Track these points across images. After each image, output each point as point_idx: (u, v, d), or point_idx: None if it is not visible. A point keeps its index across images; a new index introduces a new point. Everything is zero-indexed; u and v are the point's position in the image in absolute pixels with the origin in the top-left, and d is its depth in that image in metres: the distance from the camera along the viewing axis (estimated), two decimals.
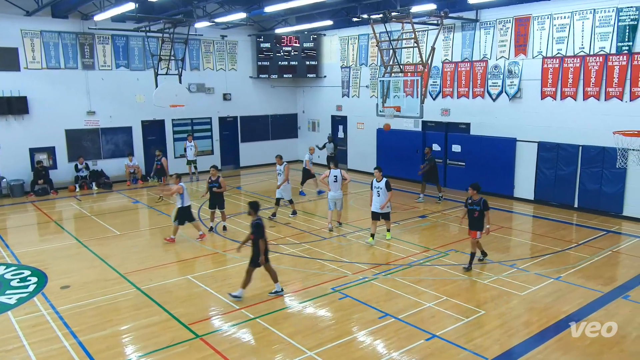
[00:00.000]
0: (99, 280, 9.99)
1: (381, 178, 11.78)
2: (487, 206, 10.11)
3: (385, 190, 11.73)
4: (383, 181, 11.74)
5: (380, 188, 11.78)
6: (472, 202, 10.20)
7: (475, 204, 10.13)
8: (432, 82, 18.13)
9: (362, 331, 7.83)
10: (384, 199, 11.73)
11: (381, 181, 11.75)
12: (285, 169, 14.25)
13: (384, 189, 11.73)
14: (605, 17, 13.70)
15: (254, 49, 22.85)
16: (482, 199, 10.16)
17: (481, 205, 10.07)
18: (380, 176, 11.81)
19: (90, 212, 15.89)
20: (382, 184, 11.75)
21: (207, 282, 9.87)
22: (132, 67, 20.07)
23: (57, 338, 7.66)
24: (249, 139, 23.54)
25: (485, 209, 10.05)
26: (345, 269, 10.44)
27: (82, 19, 18.58)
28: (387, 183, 11.74)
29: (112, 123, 19.86)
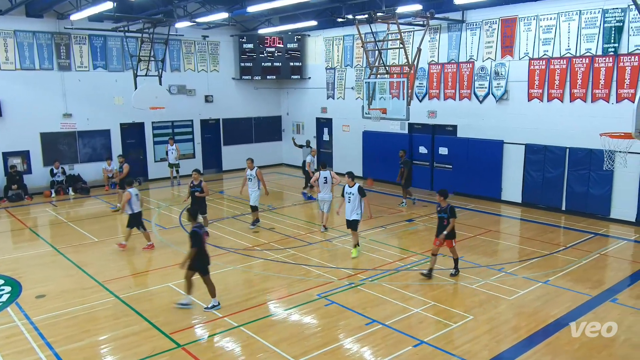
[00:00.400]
0: (75, 289, 9.85)
1: (353, 184, 11.35)
2: (454, 214, 9.95)
3: (358, 196, 11.25)
4: (355, 187, 11.31)
5: (351, 194, 11.31)
6: (440, 210, 10.05)
7: (443, 211, 9.98)
8: (419, 83, 18.27)
9: (349, 338, 7.83)
10: (355, 205, 11.28)
11: (353, 187, 11.33)
12: (258, 174, 13.75)
13: (357, 195, 11.25)
14: (591, 19, 13.94)
15: (236, 49, 22.80)
16: (449, 205, 9.99)
17: (448, 212, 9.91)
18: (351, 182, 11.38)
19: (67, 218, 15.68)
20: (354, 189, 11.30)
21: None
22: (110, 68, 19.89)
23: (32, 350, 7.53)
24: (231, 142, 23.45)
25: (452, 216, 9.88)
26: (331, 275, 10.43)
27: (57, 18, 18.36)
28: (360, 188, 11.31)
29: (90, 126, 19.63)
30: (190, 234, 8.65)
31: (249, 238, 13.09)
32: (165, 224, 14.68)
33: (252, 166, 13.80)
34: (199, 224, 8.87)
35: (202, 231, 8.78)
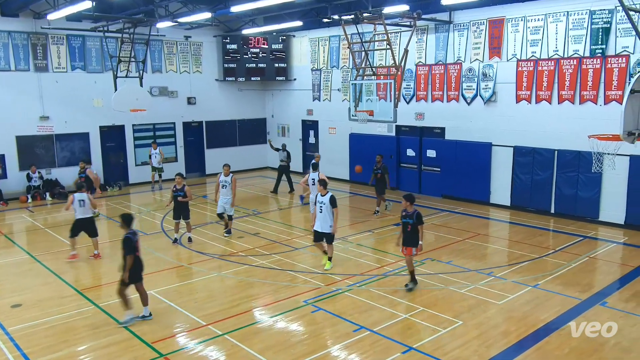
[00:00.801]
0: (53, 298, 9.72)
1: (325, 192, 10.79)
2: (421, 220, 9.65)
3: (329, 206, 10.68)
4: (327, 196, 10.72)
5: (323, 203, 10.73)
6: (406, 215, 9.70)
7: (409, 216, 9.64)
8: (406, 85, 18.38)
9: (336, 345, 7.82)
10: (327, 216, 10.70)
11: (325, 195, 10.75)
12: (233, 181, 13.46)
13: (328, 205, 10.68)
14: (578, 20, 14.15)
15: (219, 50, 22.74)
16: (416, 211, 9.66)
17: (414, 218, 9.59)
18: (323, 190, 10.83)
19: (44, 225, 15.48)
20: (326, 198, 10.71)
21: (171, 297, 9.71)
22: (89, 69, 19.71)
23: None
24: (215, 145, 23.36)
25: (419, 222, 9.58)
26: (318, 281, 10.43)
27: (34, 17, 18.16)
28: (331, 198, 10.69)
29: (68, 129, 19.43)
30: (123, 241, 8.44)
31: (233, 244, 13.04)
32: (146, 229, 14.55)
33: (228, 172, 13.54)
34: (132, 230, 8.61)
35: (135, 238, 8.55)
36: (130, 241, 8.45)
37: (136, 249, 8.55)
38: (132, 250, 8.46)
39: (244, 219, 15.59)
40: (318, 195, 10.92)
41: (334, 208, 10.71)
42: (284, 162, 19.38)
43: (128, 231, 8.57)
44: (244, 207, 16.99)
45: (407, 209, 9.71)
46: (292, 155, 19.73)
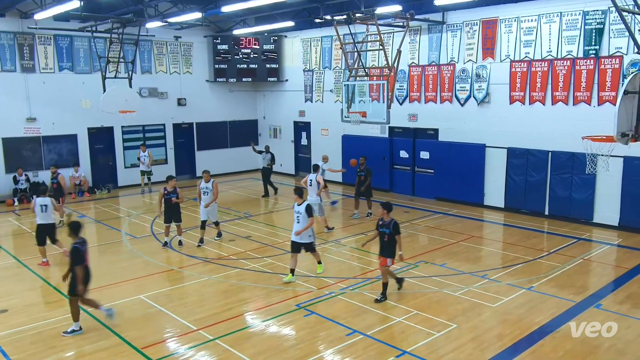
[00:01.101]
0: (40, 303, 9.68)
1: (301, 201, 10.46)
2: (398, 229, 9.32)
3: (305, 215, 10.35)
4: (303, 205, 10.39)
5: (299, 213, 10.38)
6: (383, 224, 9.42)
7: (386, 226, 9.36)
8: (399, 86, 18.42)
9: (329, 350, 7.81)
10: (304, 225, 10.37)
11: (301, 205, 10.40)
12: (215, 187, 13.25)
13: (304, 214, 10.33)
14: (571, 21, 14.26)
15: (210, 51, 22.70)
16: (392, 220, 9.36)
17: (391, 228, 9.30)
18: (299, 199, 10.49)
19: (31, 229, 15.29)
20: (302, 208, 10.36)
21: (161, 301, 9.66)
22: (77, 70, 19.61)
23: None
24: (206, 146, 23.30)
25: (396, 232, 9.27)
26: (311, 284, 10.42)
27: (20, 17, 18.05)
28: (307, 207, 10.38)
29: (55, 131, 19.31)
30: (71, 251, 8.21)
31: (225, 247, 13.00)
32: (135, 233, 14.48)
33: (209, 178, 13.31)
34: (81, 239, 8.34)
35: (84, 247, 8.30)
36: (79, 251, 8.20)
37: (84, 259, 8.28)
38: (81, 260, 8.20)
39: (235, 221, 15.56)
40: (295, 205, 10.57)
41: (310, 217, 10.35)
42: (269, 165, 19.09)
43: (76, 240, 8.28)
44: (235, 210, 16.96)
45: (384, 218, 9.44)
46: (283, 157, 19.73)
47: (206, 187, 13.23)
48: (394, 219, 9.43)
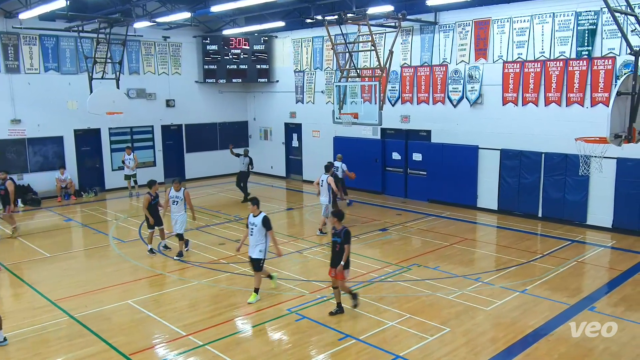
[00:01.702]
0: (26, 309, 9.57)
1: (258, 212, 9.69)
2: (349, 239, 8.88)
3: (261, 227, 9.58)
4: (260, 216, 9.62)
5: (254, 225, 9.61)
6: (335, 233, 9.00)
7: (337, 235, 8.92)
8: (391, 87, 18.47)
9: (322, 354, 7.81)
10: (258, 239, 9.62)
11: (257, 216, 9.64)
12: (187, 195, 12.38)
13: (260, 227, 9.57)
14: (564, 21, 14.38)
15: (199, 51, 22.65)
16: (344, 229, 8.89)
17: (342, 236, 8.88)
18: (256, 210, 9.71)
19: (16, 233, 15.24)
20: (257, 219, 9.60)
21: (149, 306, 9.62)
22: (63, 71, 19.50)
23: None
24: (195, 149, 23.23)
25: (346, 242, 8.82)
26: (302, 288, 10.41)
27: (5, 17, 17.92)
28: (264, 219, 9.60)
29: (41, 132, 19.17)
30: None
31: (215, 251, 12.96)
32: (123, 237, 14.41)
33: (179, 187, 12.43)
34: None
35: None
36: None
37: None
38: None
39: (225, 224, 15.52)
40: (250, 216, 9.80)
41: (269, 230, 9.63)
42: (246, 169, 18.81)
43: None
44: (225, 213, 16.92)
45: (336, 227, 8.99)
46: (274, 160, 19.64)
47: (176, 196, 12.32)
48: (346, 227, 8.97)
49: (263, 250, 9.69)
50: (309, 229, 15.19)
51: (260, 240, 9.63)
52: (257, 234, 9.64)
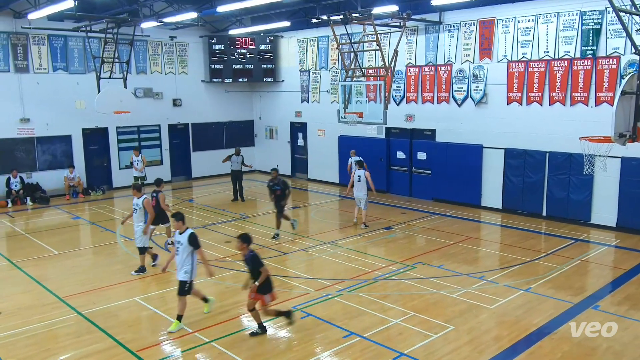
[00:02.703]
0: (34, 306, 9.62)
1: (184, 229, 8.63)
2: (258, 263, 8.00)
3: (187, 246, 8.51)
4: (186, 234, 8.56)
5: (180, 243, 8.55)
6: (244, 260, 8.20)
7: (245, 261, 8.15)
8: (396, 86, 18.46)
9: (326, 352, 7.82)
10: (184, 258, 8.54)
11: (183, 233, 8.59)
12: (146, 204, 11.17)
13: (186, 245, 8.50)
14: (569, 21, 14.31)
15: (206, 51, 22.69)
16: (251, 254, 8.04)
17: (249, 264, 8.05)
18: (181, 226, 8.64)
19: (25, 230, 15.33)
20: (184, 237, 8.54)
21: (156, 304, 9.66)
22: (72, 70, 19.57)
23: None
24: (201, 147, 23.27)
25: (259, 266, 7.99)
26: (307, 286, 10.42)
27: (14, 17, 18.00)
28: (191, 237, 8.54)
29: (49, 131, 19.27)
30: None
31: (220, 249, 12.99)
32: (130, 234, 14.42)
33: (140, 194, 11.22)
34: None
35: None
36: None
37: None
38: None
39: (231, 223, 15.55)
40: (176, 233, 8.73)
41: (197, 249, 8.62)
42: (239, 168, 18.52)
43: None
44: (231, 212, 16.96)
45: (242, 251, 8.12)
46: (279, 159, 19.55)
47: (136, 204, 11.23)
48: (252, 251, 8.11)
49: (189, 272, 8.55)
50: (314, 227, 15.20)
51: (186, 261, 8.53)
52: (182, 252, 8.53)
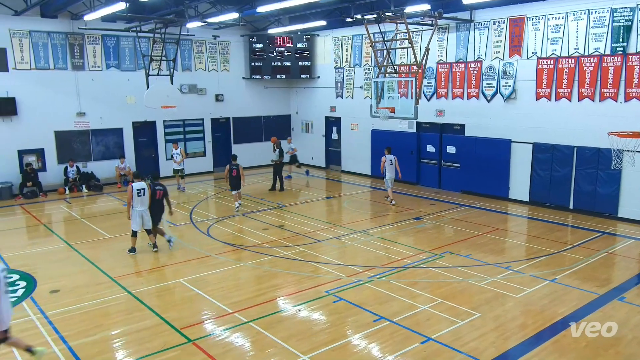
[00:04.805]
0: (89, 285, 9.91)
1: None
2: None
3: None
4: None
5: None
6: None
7: None
8: (427, 82, 18.20)
9: (357, 334, 7.82)
10: None
11: None
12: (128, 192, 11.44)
13: None
14: (599, 18, 13.80)
15: (246, 49, 22.83)
16: None
17: None
18: None
19: (80, 215, 15.80)
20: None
21: (199, 285, 9.82)
22: (123, 68, 19.99)
23: (47, 343, 7.59)
24: (241, 140, 23.49)
25: None
26: (340, 272, 10.43)
27: (71, 18, 18.48)
28: None
29: (103, 124, 19.77)
30: None
31: (259, 235, 13.12)
32: (175, 221, 14.74)
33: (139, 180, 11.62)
34: None
35: None
36: None
37: None
38: None
39: (268, 211, 15.68)
40: None
41: None
42: (277, 160, 18.74)
43: None
44: (269, 201, 17.09)
45: None
46: (314, 151, 19.60)
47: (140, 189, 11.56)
48: None
49: None
50: (346, 216, 15.20)
51: None
52: None
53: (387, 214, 15.23)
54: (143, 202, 11.55)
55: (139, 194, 11.47)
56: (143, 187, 11.53)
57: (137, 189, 11.46)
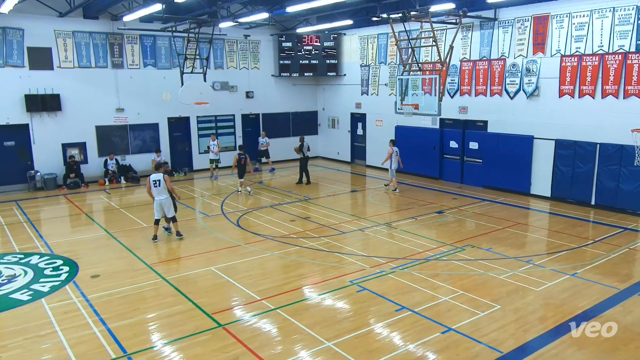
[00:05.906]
0: (127, 270, 10.13)
1: None
2: None
3: None
4: None
5: None
6: None
7: None
8: (450, 80, 17.95)
9: (379, 323, 7.82)
10: None
11: None
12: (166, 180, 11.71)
13: None
14: (625, 16, 13.37)
15: (275, 48, 22.89)
16: None
17: None
18: None
19: (119, 205, 16.14)
20: None
21: (229, 273, 9.94)
22: (159, 66, 20.28)
23: (88, 325, 7.81)
24: (270, 135, 23.48)
25: None
26: (363, 263, 10.42)
27: (111, 19, 18.82)
28: None
29: (140, 120, 20.13)
30: None
31: (286, 226, 13.19)
32: (207, 211, 14.94)
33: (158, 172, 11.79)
34: None
35: None
36: None
37: None
38: None
39: (295, 204, 15.75)
40: None
41: None
42: (303, 155, 18.73)
43: None
44: (296, 194, 17.15)
45: None
46: (340, 146, 19.55)
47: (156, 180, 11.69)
48: None
49: None
50: (370, 209, 15.15)
51: None
52: None
53: (410, 207, 15.12)
54: (160, 192, 11.71)
55: (155, 185, 11.63)
56: (159, 179, 11.65)
57: (153, 180, 11.62)
